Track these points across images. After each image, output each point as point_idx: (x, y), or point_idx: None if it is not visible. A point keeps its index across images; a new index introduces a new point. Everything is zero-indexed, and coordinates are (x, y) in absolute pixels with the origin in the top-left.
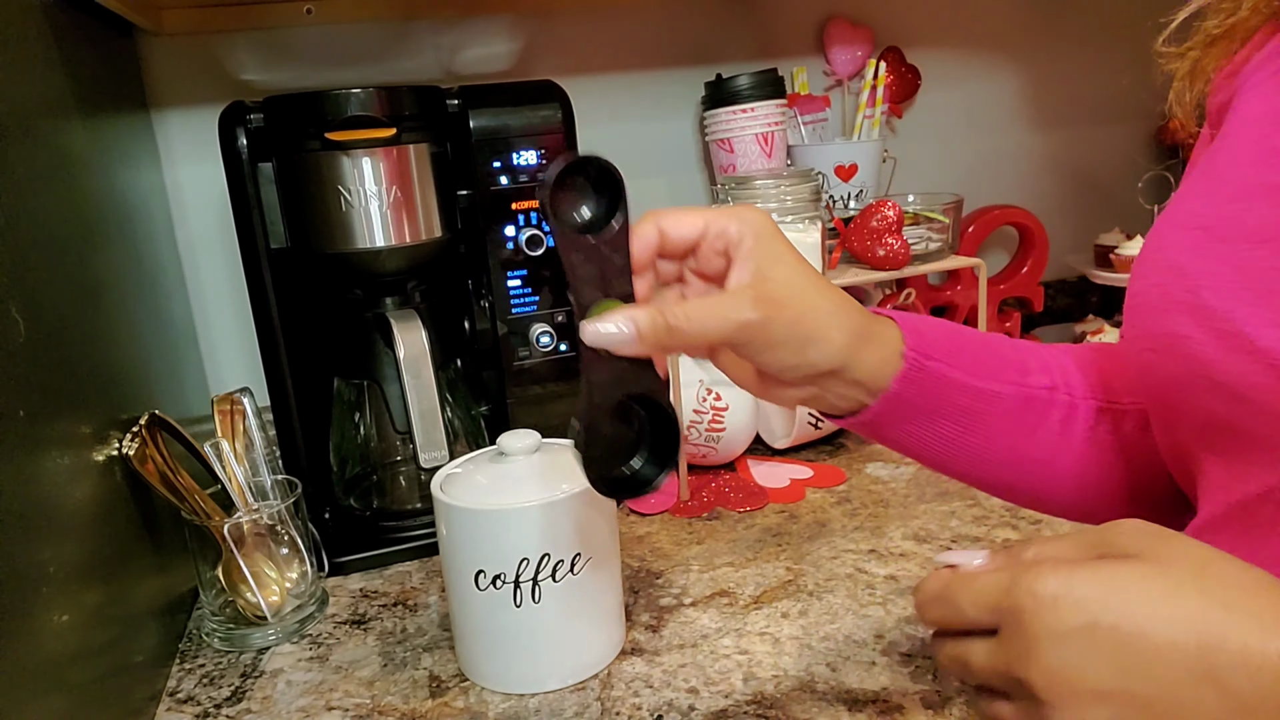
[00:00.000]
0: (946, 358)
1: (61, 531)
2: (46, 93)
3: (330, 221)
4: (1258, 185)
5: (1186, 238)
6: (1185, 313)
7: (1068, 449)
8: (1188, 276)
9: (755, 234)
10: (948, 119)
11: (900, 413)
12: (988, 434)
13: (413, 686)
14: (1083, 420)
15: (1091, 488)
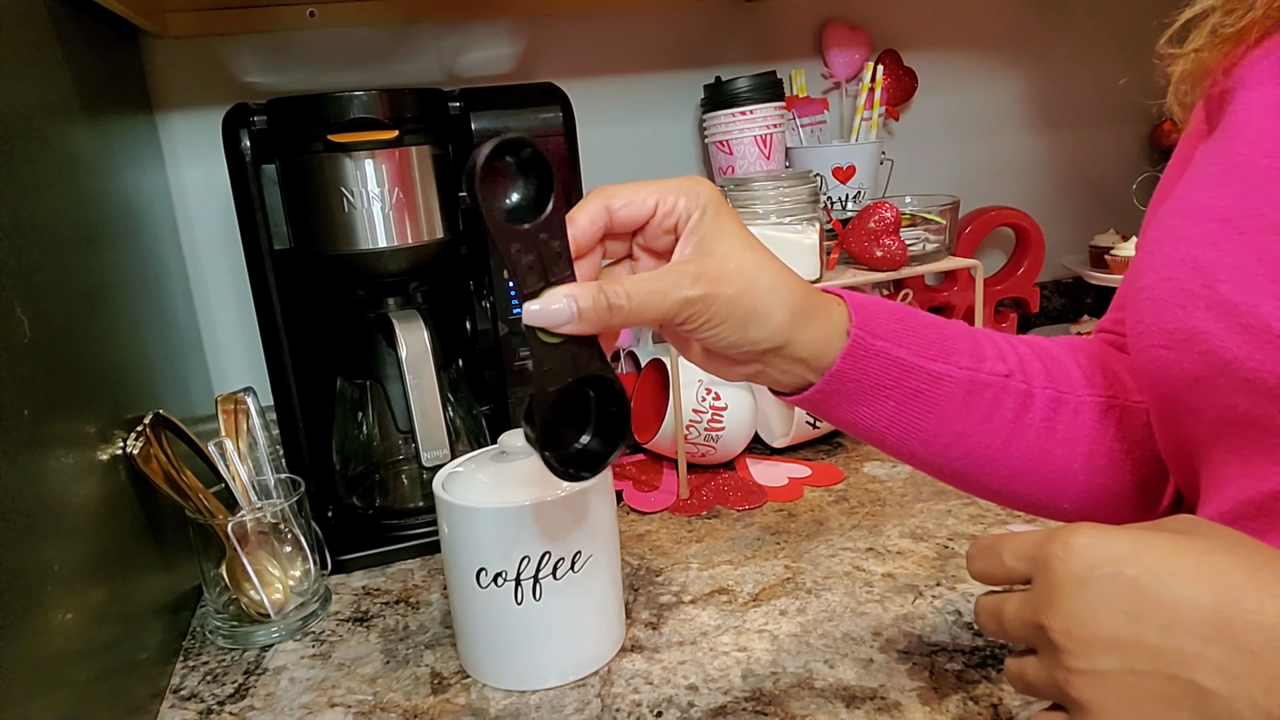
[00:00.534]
0: (893, 337)
1: (66, 530)
2: (51, 95)
3: (333, 223)
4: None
5: (1202, 230)
6: (1203, 308)
7: (1021, 438)
8: (1205, 271)
9: (701, 209)
10: (945, 121)
11: (847, 390)
12: (937, 417)
13: (415, 683)
14: (1039, 410)
15: (1049, 480)
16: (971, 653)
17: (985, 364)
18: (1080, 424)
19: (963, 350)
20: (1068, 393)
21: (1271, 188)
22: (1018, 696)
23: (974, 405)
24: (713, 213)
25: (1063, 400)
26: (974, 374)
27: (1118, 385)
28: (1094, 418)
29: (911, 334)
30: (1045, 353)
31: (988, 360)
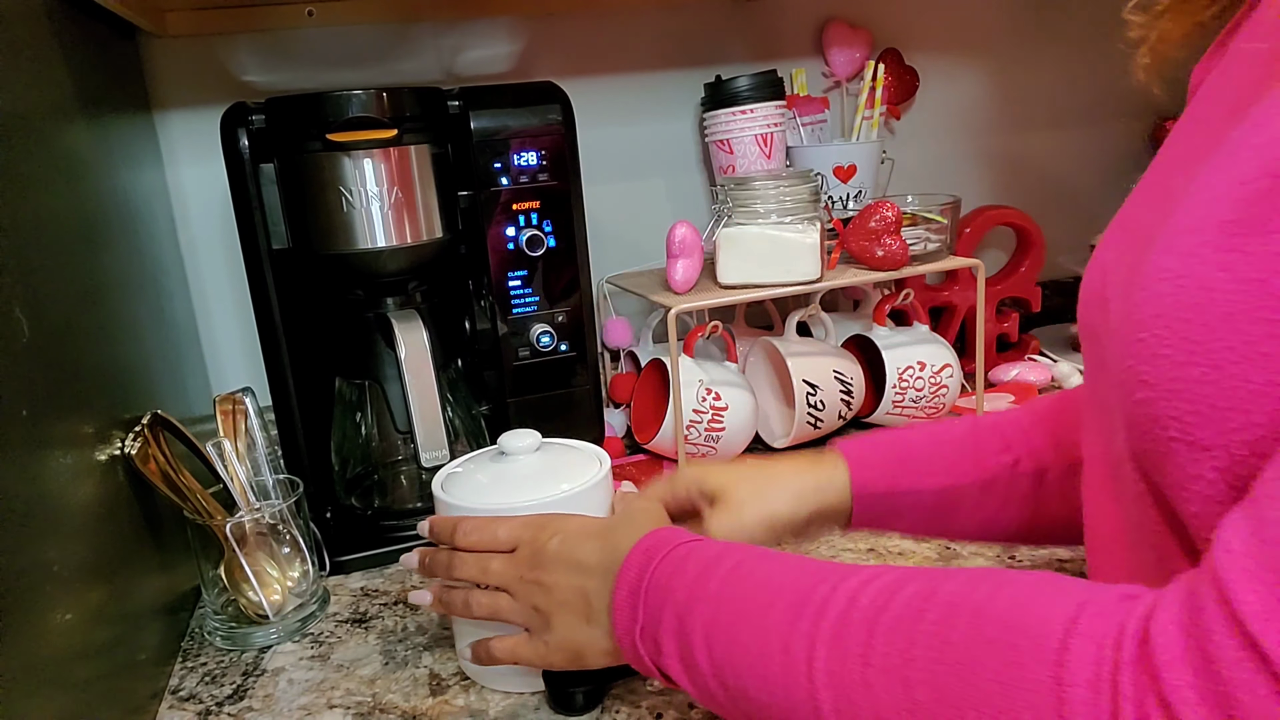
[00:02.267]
0: (893, 478)
1: (64, 531)
2: (50, 94)
3: (331, 222)
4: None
5: (1112, 238)
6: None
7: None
8: (1105, 273)
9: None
10: (946, 120)
11: (877, 522)
12: (965, 517)
13: (413, 684)
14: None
15: None
16: None
17: (988, 459)
18: None
19: (965, 455)
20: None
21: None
22: None
23: (991, 498)
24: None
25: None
26: (981, 473)
27: None
28: None
29: (910, 464)
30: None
31: (990, 455)
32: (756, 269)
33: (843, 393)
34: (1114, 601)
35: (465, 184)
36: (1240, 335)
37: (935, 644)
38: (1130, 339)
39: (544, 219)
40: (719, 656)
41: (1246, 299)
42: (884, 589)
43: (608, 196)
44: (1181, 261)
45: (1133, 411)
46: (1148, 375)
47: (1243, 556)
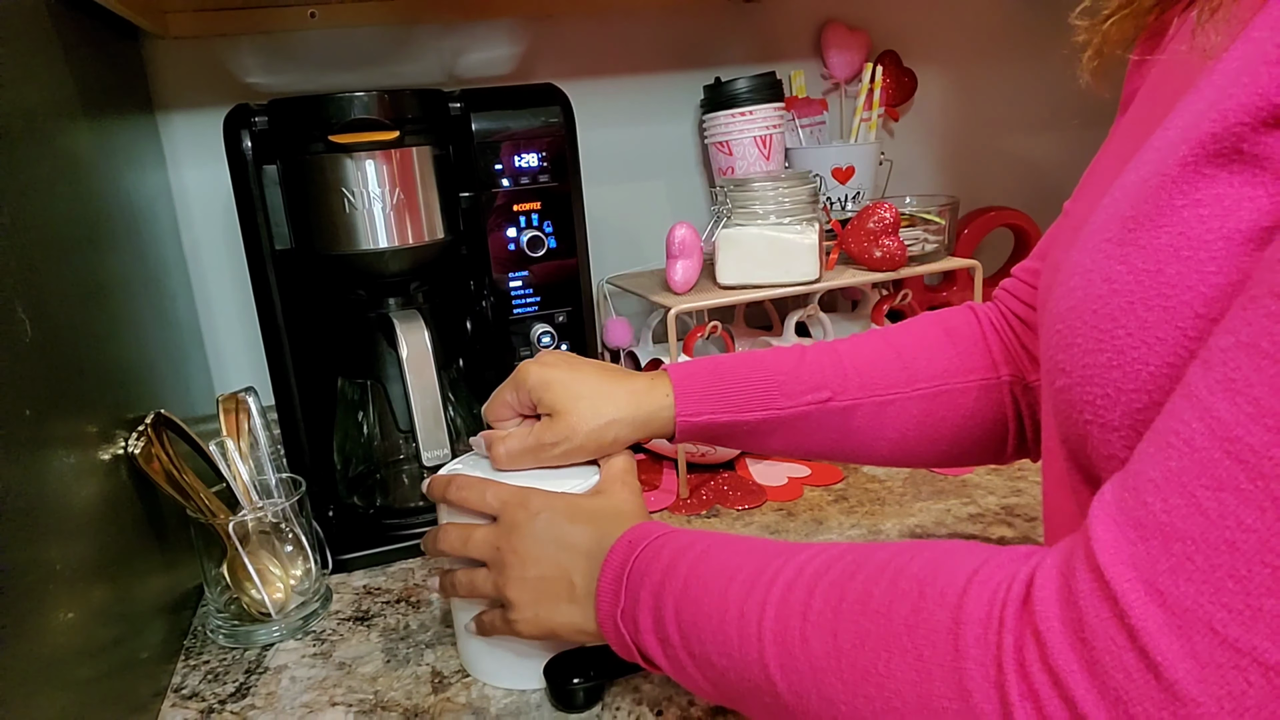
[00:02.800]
0: (712, 408)
1: (67, 530)
2: (53, 95)
3: (334, 223)
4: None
5: (1061, 233)
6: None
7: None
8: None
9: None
10: (944, 122)
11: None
12: (779, 442)
13: (415, 682)
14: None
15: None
16: None
17: (804, 396)
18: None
19: (781, 390)
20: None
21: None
22: None
23: (804, 428)
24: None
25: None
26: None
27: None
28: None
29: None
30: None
31: (807, 392)
32: (755, 269)
33: None
34: (1012, 558)
35: (466, 185)
36: (1138, 321)
37: (860, 597)
38: (1051, 330)
39: (544, 220)
40: (687, 627)
41: (1142, 288)
42: (828, 559)
43: (608, 197)
44: (1090, 256)
45: (1055, 398)
46: (1064, 363)
47: (1109, 504)
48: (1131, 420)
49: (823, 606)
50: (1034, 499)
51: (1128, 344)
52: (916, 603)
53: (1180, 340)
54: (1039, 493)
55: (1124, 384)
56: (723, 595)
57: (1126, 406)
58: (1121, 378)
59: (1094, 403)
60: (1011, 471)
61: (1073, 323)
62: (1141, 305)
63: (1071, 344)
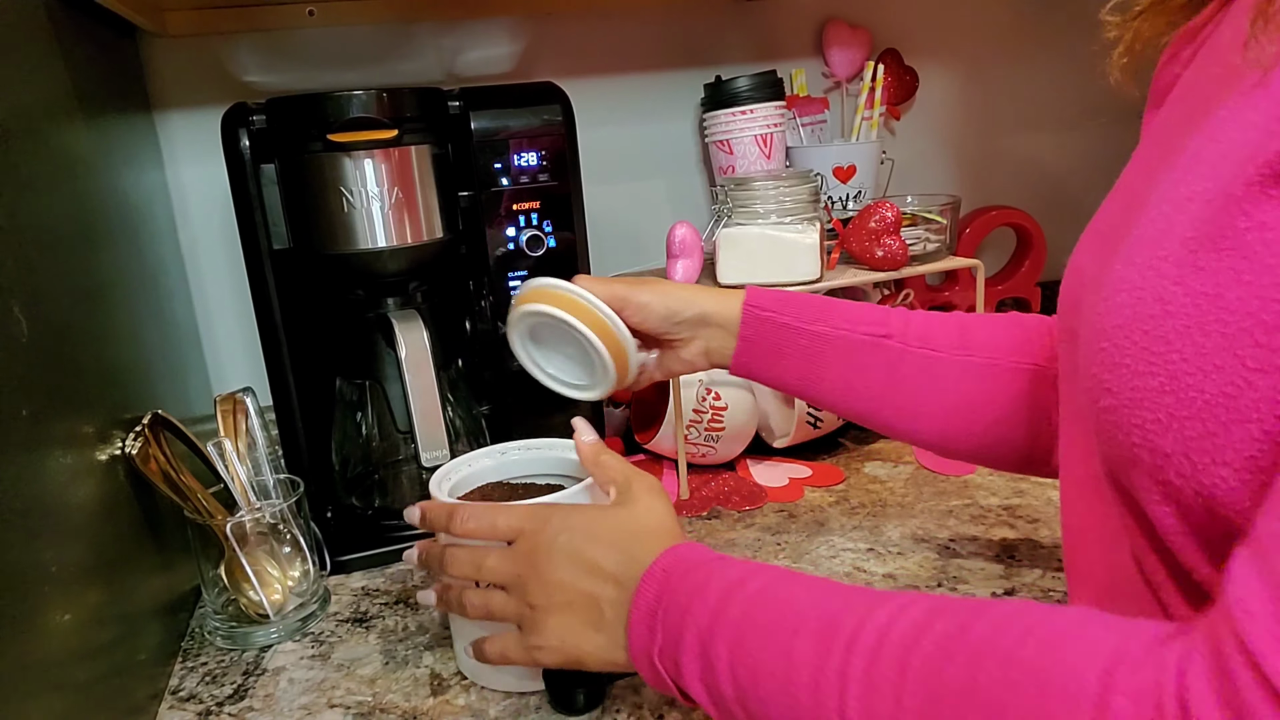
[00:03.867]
0: (778, 308)
1: (64, 531)
2: (50, 94)
3: (332, 222)
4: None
5: (1088, 242)
6: (1073, 310)
7: (893, 391)
8: (1081, 279)
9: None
10: (945, 120)
11: (757, 352)
12: (826, 369)
13: (414, 684)
14: (910, 366)
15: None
16: None
17: (862, 326)
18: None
19: (843, 315)
20: (941, 351)
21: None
22: None
23: (857, 361)
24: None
25: (933, 359)
26: (849, 333)
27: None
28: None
29: (793, 304)
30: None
31: (865, 324)
32: (756, 269)
33: None
34: (1146, 648)
35: (465, 184)
36: (1194, 347)
37: (965, 688)
38: (1094, 346)
39: (544, 219)
40: (744, 682)
41: (1200, 312)
42: (913, 626)
43: (608, 197)
44: (1141, 274)
45: (1100, 418)
46: (1110, 383)
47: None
48: (1185, 448)
49: (919, 693)
50: (1036, 500)
51: (1182, 369)
52: (1038, 703)
53: (1238, 369)
54: (1041, 495)
55: (1177, 410)
56: (787, 655)
57: (1180, 434)
58: (1175, 404)
59: (1144, 427)
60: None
61: (1120, 342)
62: (1198, 330)
63: (1119, 364)
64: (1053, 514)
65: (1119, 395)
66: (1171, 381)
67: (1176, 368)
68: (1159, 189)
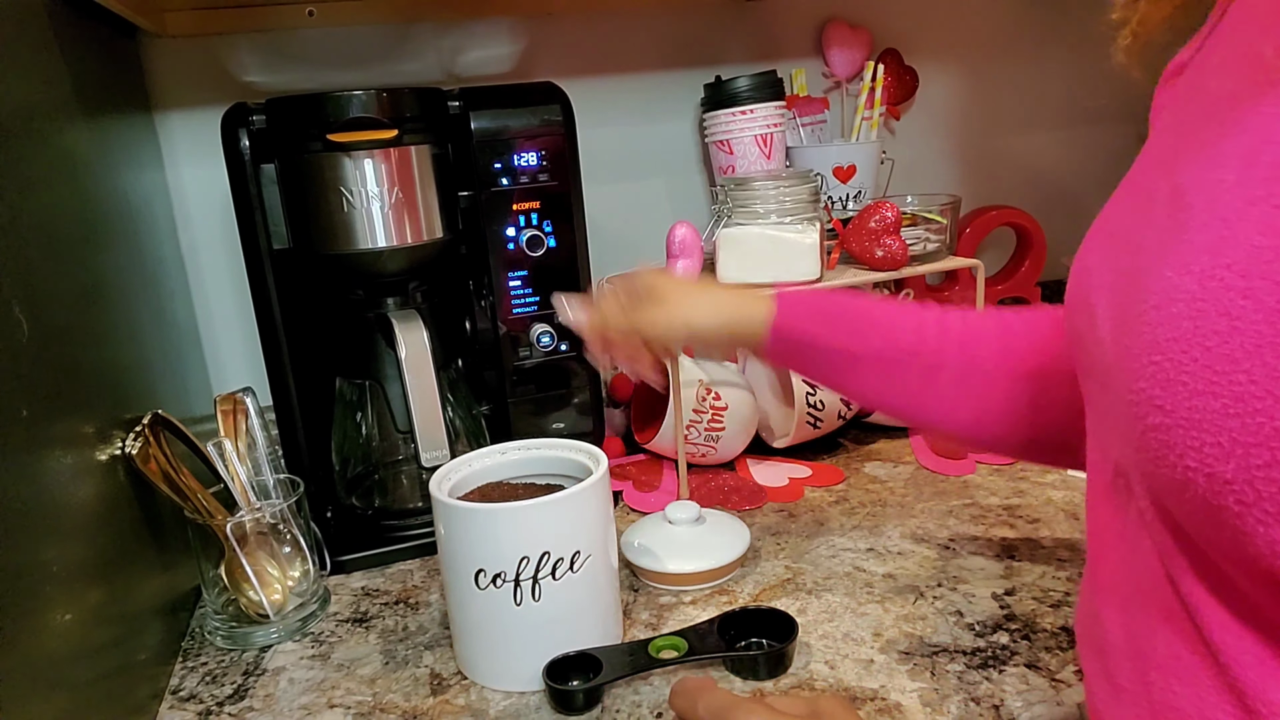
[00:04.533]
0: (808, 327)
1: (64, 531)
2: (50, 94)
3: (332, 222)
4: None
5: (1096, 241)
6: (1083, 311)
7: (931, 399)
8: (1090, 277)
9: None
10: (945, 120)
11: (785, 358)
12: (858, 381)
13: (414, 684)
14: (949, 376)
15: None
16: (973, 654)
17: (896, 337)
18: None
19: (877, 328)
20: (982, 361)
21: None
22: (1019, 698)
23: (885, 373)
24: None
25: (973, 368)
26: (880, 350)
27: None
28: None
29: (826, 320)
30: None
31: (899, 335)
32: (756, 269)
33: None
34: None
35: (466, 184)
36: (1264, 368)
37: None
38: (1142, 360)
39: (544, 219)
40: None
41: (1273, 330)
42: None
43: (608, 197)
44: (1200, 283)
45: (1146, 437)
46: (1164, 401)
47: None
48: (1249, 476)
49: None
50: (1036, 500)
51: (1250, 392)
52: None
53: None
54: (1040, 494)
55: (1242, 436)
56: None
57: (1244, 461)
58: (1240, 429)
59: (1202, 450)
60: (1014, 472)
61: (1177, 357)
62: (1271, 350)
63: (1174, 381)
64: (1053, 514)
65: (1173, 415)
66: (1237, 404)
67: (1244, 389)
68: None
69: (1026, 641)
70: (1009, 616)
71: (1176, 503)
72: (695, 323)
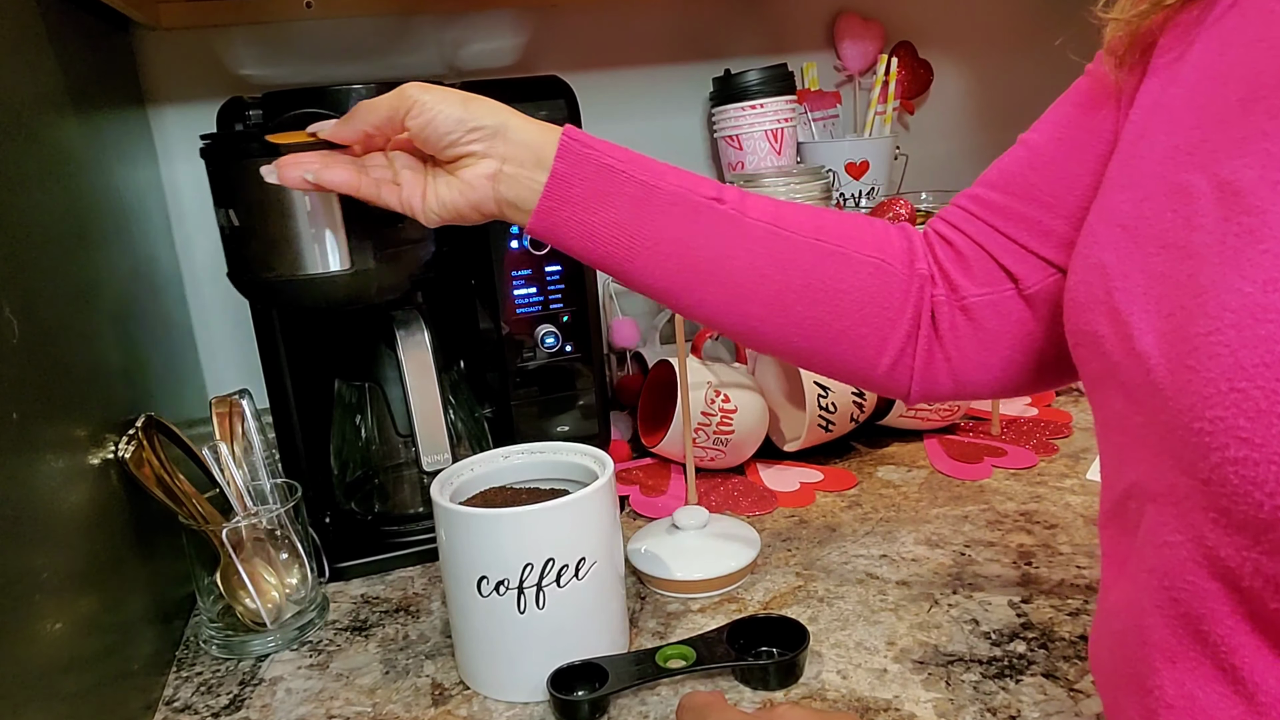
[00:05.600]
0: (604, 146)
1: (55, 537)
2: (41, 88)
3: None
4: (1165, 185)
5: (1108, 234)
6: (1102, 312)
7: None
8: (1109, 277)
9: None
10: (961, 115)
11: (571, 195)
12: (651, 227)
13: (415, 694)
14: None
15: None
16: (989, 663)
17: (701, 188)
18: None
19: (675, 173)
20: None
21: (1159, 198)
22: (1037, 709)
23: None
24: None
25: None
26: (687, 193)
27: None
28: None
29: (620, 150)
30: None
31: (705, 187)
32: None
33: (855, 395)
34: None
35: None
36: None
37: None
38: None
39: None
40: None
41: None
42: None
43: None
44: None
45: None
46: (1250, 434)
47: None
48: None
49: None
50: (1054, 505)
51: None
52: None
53: None
54: (1059, 499)
55: None
56: None
57: None
58: None
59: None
60: (1031, 476)
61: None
62: None
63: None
64: (1071, 519)
65: (1263, 449)
66: None
67: None
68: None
69: (1044, 651)
70: (1026, 625)
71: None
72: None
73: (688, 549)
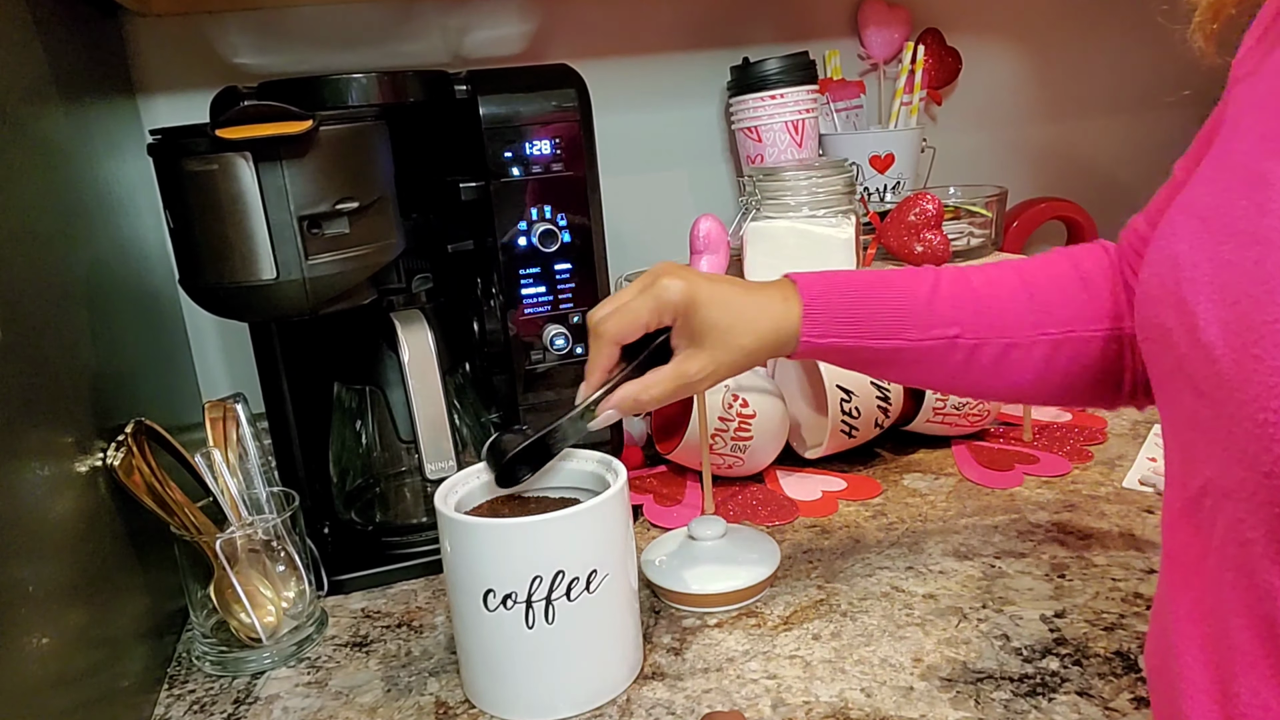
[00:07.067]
0: (840, 331)
1: (41, 548)
2: (26, 77)
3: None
4: (1247, 174)
5: (1185, 226)
6: (1171, 305)
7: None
8: (1179, 268)
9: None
10: (991, 106)
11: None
12: (899, 373)
13: (418, 713)
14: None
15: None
16: (1020, 680)
17: (934, 330)
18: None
19: (911, 322)
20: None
21: (1240, 188)
22: None
23: (924, 363)
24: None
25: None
26: (918, 343)
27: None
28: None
29: (859, 321)
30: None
31: (935, 326)
32: (787, 265)
33: (879, 399)
34: None
35: (474, 174)
36: None
37: None
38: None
39: (558, 212)
40: None
41: None
42: None
43: (627, 188)
44: None
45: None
46: None
47: None
48: None
49: None
50: (1088, 514)
51: None
52: None
53: None
54: (1094, 509)
55: None
56: None
57: None
58: None
59: None
60: (1064, 485)
61: None
62: None
63: None
64: (1106, 529)
65: None
66: None
67: None
68: None
69: (1078, 668)
70: (1059, 640)
71: None
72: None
73: (704, 561)
